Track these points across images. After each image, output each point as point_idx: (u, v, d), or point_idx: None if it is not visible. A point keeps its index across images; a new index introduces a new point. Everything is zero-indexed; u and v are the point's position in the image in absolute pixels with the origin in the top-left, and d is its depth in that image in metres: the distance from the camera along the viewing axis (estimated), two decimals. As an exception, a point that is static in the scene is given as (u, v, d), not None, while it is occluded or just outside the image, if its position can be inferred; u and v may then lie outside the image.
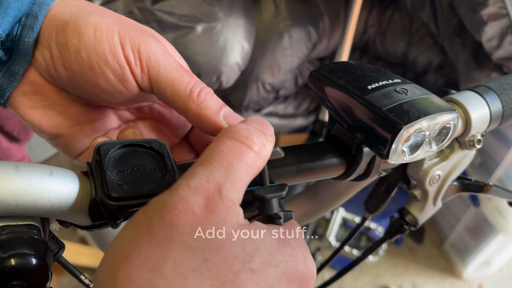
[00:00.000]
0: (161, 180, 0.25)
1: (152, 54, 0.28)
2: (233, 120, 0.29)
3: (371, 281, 1.47)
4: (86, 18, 0.27)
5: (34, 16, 0.26)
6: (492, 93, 0.37)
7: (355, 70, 0.32)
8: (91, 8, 0.28)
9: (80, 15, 0.27)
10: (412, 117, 0.27)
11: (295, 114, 1.20)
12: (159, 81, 0.28)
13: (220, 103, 0.29)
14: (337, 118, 0.32)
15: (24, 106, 0.29)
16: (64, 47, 0.27)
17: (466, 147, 0.37)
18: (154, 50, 0.28)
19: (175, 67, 0.28)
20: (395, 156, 0.28)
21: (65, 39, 0.27)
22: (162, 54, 0.28)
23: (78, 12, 0.27)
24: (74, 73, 0.27)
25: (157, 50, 0.28)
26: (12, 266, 0.20)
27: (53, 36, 0.27)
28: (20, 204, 0.21)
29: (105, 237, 0.32)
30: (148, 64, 0.28)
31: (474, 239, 1.40)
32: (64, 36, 0.27)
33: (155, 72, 0.28)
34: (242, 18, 0.94)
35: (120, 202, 0.23)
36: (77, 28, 0.26)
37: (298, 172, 0.31)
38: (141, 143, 0.26)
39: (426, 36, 1.03)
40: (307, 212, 0.48)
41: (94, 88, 0.28)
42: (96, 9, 0.28)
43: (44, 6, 0.27)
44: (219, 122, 0.28)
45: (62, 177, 0.23)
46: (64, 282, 1.31)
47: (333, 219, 1.34)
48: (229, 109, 0.29)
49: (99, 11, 0.28)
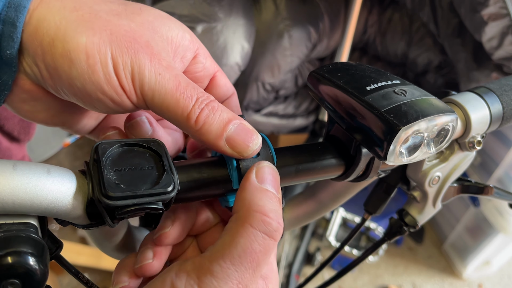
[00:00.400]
0: (159, 180, 0.25)
1: (146, 81, 0.26)
2: (238, 145, 0.27)
3: (371, 281, 1.48)
4: (75, 37, 0.24)
5: (11, 23, 0.23)
6: (492, 94, 0.37)
7: (354, 70, 0.32)
8: (77, 16, 0.25)
9: (67, 29, 0.24)
10: (410, 118, 0.27)
11: (295, 114, 1.20)
12: (155, 106, 0.27)
13: (222, 124, 0.27)
14: (336, 119, 0.32)
15: (25, 111, 0.29)
16: (54, 71, 0.25)
17: (466, 148, 0.37)
18: (147, 76, 0.26)
19: (169, 91, 0.26)
20: (393, 158, 0.28)
21: (54, 64, 0.24)
22: (155, 78, 0.26)
23: (64, 24, 0.24)
24: (69, 96, 0.26)
25: (150, 75, 0.26)
26: (8, 264, 0.20)
27: (39, 55, 0.25)
28: (17, 202, 0.21)
29: (102, 236, 0.32)
30: (142, 91, 0.26)
31: (474, 239, 1.40)
32: (53, 59, 0.24)
33: (149, 98, 0.26)
34: (242, 18, 0.94)
35: (117, 201, 0.23)
36: (66, 53, 0.24)
37: (296, 173, 0.31)
38: (139, 143, 0.26)
39: (426, 36, 1.03)
40: (307, 213, 0.48)
41: (92, 106, 0.27)
42: (82, 16, 0.25)
43: (21, 10, 0.24)
44: (221, 148, 0.27)
45: (60, 175, 0.23)
46: (64, 282, 1.31)
47: (333, 219, 1.34)
48: (234, 127, 0.27)
49: (86, 20, 0.25)
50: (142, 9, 0.28)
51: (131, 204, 0.23)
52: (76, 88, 0.25)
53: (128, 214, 0.24)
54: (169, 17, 0.29)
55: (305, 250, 1.30)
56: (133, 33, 0.26)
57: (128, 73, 0.25)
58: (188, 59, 0.31)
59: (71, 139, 1.50)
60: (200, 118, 0.26)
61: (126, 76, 0.25)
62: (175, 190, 0.25)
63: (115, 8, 0.26)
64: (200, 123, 0.26)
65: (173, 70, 0.27)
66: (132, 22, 0.26)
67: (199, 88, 0.27)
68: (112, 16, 0.26)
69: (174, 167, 0.26)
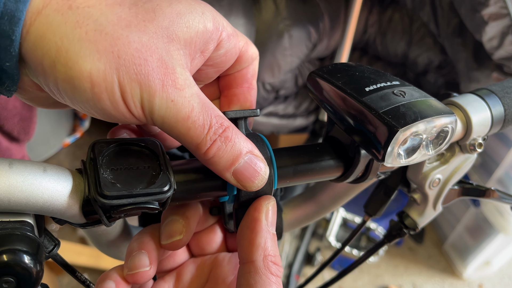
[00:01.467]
0: (155, 179, 0.25)
1: (156, 109, 0.24)
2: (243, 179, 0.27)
3: (371, 281, 1.47)
4: (78, 62, 0.22)
5: (6, 36, 0.21)
6: (494, 97, 0.36)
7: (353, 71, 0.32)
8: (80, 34, 0.22)
9: (69, 52, 0.22)
10: (409, 119, 0.27)
11: (295, 114, 1.20)
12: (165, 130, 0.25)
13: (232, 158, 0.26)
14: (335, 120, 0.32)
15: (39, 104, 0.28)
16: (59, 92, 0.23)
17: (467, 150, 0.37)
18: (157, 104, 0.24)
19: (180, 119, 0.24)
20: (391, 159, 0.28)
21: (56, 86, 0.23)
22: (166, 106, 0.24)
23: (66, 45, 0.22)
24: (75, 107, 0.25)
25: (161, 103, 0.24)
26: (3, 261, 0.20)
27: (41, 74, 0.23)
28: (12, 200, 0.21)
29: (100, 235, 0.32)
30: (152, 117, 0.24)
31: (474, 239, 1.40)
32: (55, 83, 0.23)
33: (159, 124, 0.25)
34: (242, 18, 0.93)
35: (112, 200, 0.23)
36: (69, 80, 0.22)
37: (294, 174, 0.31)
38: (136, 142, 0.26)
39: (426, 36, 1.03)
40: (306, 214, 0.48)
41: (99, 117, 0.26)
42: (86, 34, 0.22)
43: (15, 22, 0.21)
44: (227, 178, 0.27)
45: (56, 174, 0.23)
46: (64, 282, 1.31)
47: (333, 219, 1.34)
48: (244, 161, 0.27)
49: (91, 40, 0.22)
50: (156, 12, 0.24)
51: (127, 204, 0.23)
52: (82, 109, 0.25)
53: (124, 214, 0.24)
54: (189, 8, 0.26)
55: (305, 251, 1.30)
56: (144, 51, 0.23)
57: (137, 101, 0.24)
58: (210, 50, 0.28)
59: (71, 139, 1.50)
60: (211, 150, 0.25)
61: (136, 104, 0.24)
62: (171, 190, 0.25)
63: (124, 17, 0.23)
64: (210, 154, 0.25)
65: (188, 90, 0.25)
66: (144, 34, 0.23)
67: (214, 111, 0.26)
68: (121, 30, 0.23)
69: (170, 166, 0.26)
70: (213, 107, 0.26)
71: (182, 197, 0.27)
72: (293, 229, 0.98)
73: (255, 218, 0.28)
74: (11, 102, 0.79)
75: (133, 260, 0.30)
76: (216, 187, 0.29)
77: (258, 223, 0.28)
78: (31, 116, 0.84)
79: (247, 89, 0.33)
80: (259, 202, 0.29)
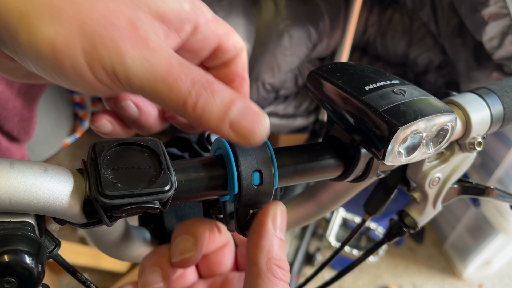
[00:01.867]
0: (156, 179, 0.25)
1: (131, 71, 0.22)
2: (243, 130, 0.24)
3: (371, 281, 1.47)
4: (38, 27, 0.21)
5: None
6: (493, 95, 0.37)
7: (353, 70, 0.32)
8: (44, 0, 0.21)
9: (31, 17, 0.21)
10: (409, 118, 0.27)
11: (295, 114, 1.20)
12: (145, 94, 0.24)
13: (223, 106, 0.23)
14: (335, 119, 0.32)
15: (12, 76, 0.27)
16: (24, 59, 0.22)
17: (467, 149, 0.37)
18: (131, 65, 0.22)
19: (160, 78, 0.23)
20: (391, 158, 0.28)
21: (22, 52, 0.22)
22: (141, 65, 0.22)
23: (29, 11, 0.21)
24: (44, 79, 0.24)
25: (135, 63, 0.22)
26: (5, 262, 0.20)
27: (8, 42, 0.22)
28: (13, 200, 0.21)
29: (101, 235, 0.32)
30: (128, 82, 0.23)
31: (474, 239, 1.40)
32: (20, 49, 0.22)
33: (138, 88, 0.23)
34: (242, 18, 0.93)
35: (113, 200, 0.23)
36: (31, 45, 0.21)
37: (294, 173, 0.31)
38: (137, 142, 0.26)
39: (426, 36, 1.03)
40: (306, 214, 0.48)
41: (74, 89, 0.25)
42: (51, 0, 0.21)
43: None
44: (226, 134, 0.24)
45: (57, 174, 0.23)
46: (64, 282, 1.31)
47: (333, 219, 1.34)
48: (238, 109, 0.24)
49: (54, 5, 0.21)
50: None
51: (128, 203, 0.23)
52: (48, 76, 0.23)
53: (125, 213, 0.24)
54: None
55: (305, 250, 1.30)
56: (111, 15, 0.22)
57: (108, 68, 0.22)
58: (186, 32, 0.27)
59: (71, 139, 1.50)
60: (199, 104, 0.23)
61: (106, 71, 0.22)
62: (172, 189, 0.25)
63: None
64: (199, 109, 0.23)
65: (163, 51, 0.23)
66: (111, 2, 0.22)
67: (196, 68, 0.24)
68: None
69: (171, 166, 0.26)
70: (194, 65, 0.24)
71: (183, 197, 0.27)
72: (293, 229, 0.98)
73: (261, 222, 0.28)
74: (11, 102, 0.79)
75: (147, 277, 0.30)
76: (217, 186, 0.29)
77: (264, 226, 0.28)
78: (31, 116, 0.84)
79: (240, 83, 0.32)
80: (267, 206, 0.29)
